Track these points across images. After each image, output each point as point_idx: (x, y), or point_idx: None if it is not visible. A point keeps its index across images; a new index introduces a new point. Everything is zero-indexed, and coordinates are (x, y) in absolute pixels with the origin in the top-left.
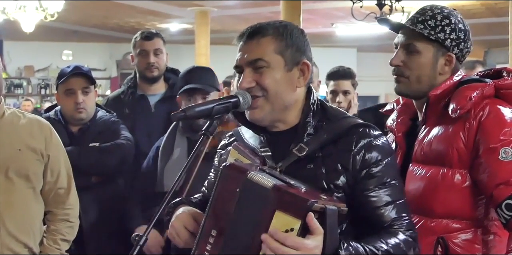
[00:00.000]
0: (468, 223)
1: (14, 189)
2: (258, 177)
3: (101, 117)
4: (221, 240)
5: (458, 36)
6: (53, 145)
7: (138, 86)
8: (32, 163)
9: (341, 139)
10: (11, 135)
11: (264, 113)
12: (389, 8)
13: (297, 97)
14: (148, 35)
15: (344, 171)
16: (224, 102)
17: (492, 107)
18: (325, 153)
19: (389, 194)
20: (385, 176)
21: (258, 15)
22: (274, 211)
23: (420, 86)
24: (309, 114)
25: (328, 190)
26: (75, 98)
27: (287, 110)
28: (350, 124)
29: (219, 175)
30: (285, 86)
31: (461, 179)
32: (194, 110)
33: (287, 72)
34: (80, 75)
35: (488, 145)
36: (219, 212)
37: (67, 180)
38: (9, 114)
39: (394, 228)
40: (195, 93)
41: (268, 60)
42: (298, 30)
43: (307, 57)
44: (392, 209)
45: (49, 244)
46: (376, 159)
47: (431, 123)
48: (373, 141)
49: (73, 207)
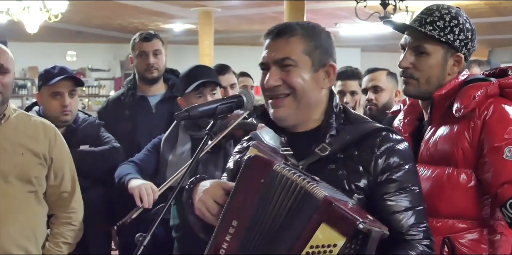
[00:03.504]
0: (474, 223)
1: (15, 193)
2: (290, 173)
3: (85, 120)
4: (242, 232)
5: (466, 36)
6: (58, 148)
7: (138, 88)
8: (34, 167)
9: (363, 142)
10: (14, 139)
11: (288, 112)
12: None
13: (321, 98)
14: (146, 36)
15: (365, 173)
16: (228, 102)
17: (496, 106)
18: (347, 155)
19: (409, 199)
20: (406, 182)
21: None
22: (320, 223)
23: (429, 88)
24: (332, 116)
25: (350, 191)
26: (62, 101)
27: (310, 110)
28: (373, 128)
29: (243, 166)
30: (310, 86)
31: (467, 179)
32: (197, 110)
33: (314, 73)
34: (69, 78)
35: (493, 144)
36: (242, 203)
37: (71, 184)
38: (14, 117)
39: (411, 235)
40: (205, 88)
41: (296, 59)
42: (325, 32)
43: (333, 59)
44: (410, 215)
45: (50, 246)
46: (398, 163)
47: (436, 124)
48: (395, 146)
49: (77, 210)
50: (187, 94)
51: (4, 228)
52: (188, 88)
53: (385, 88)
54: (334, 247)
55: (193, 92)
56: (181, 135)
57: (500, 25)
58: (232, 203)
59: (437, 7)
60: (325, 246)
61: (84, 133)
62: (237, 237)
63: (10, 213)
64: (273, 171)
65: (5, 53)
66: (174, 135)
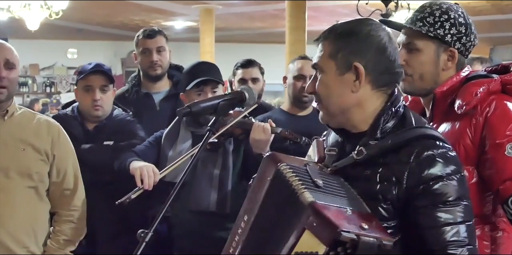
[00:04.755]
0: (476, 220)
1: (15, 188)
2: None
3: (117, 116)
4: (248, 228)
5: (458, 30)
6: (60, 145)
7: (142, 85)
8: (35, 162)
9: (403, 149)
10: (16, 135)
11: (326, 117)
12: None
13: (359, 100)
14: (150, 33)
15: (397, 183)
16: (230, 98)
17: (498, 102)
18: (386, 161)
19: (450, 214)
20: (447, 194)
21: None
22: (304, 229)
23: (423, 84)
24: (381, 119)
25: (376, 200)
26: (93, 95)
27: (347, 114)
28: (417, 134)
29: (262, 162)
30: (336, 92)
31: (468, 176)
32: (199, 106)
33: (339, 76)
34: (100, 73)
35: (495, 140)
36: (253, 198)
37: (74, 181)
38: (19, 114)
39: (448, 254)
40: (206, 86)
41: (321, 65)
42: (365, 30)
43: (365, 60)
44: (450, 231)
45: (51, 244)
46: (438, 174)
47: (438, 120)
48: (436, 155)
49: (79, 208)
50: (188, 91)
51: (3, 223)
52: (189, 85)
53: None
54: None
55: (194, 89)
56: (182, 131)
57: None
58: (248, 196)
59: (429, 4)
60: (307, 253)
61: (111, 129)
62: (245, 232)
63: (10, 207)
64: (277, 170)
65: (11, 49)
66: (175, 130)
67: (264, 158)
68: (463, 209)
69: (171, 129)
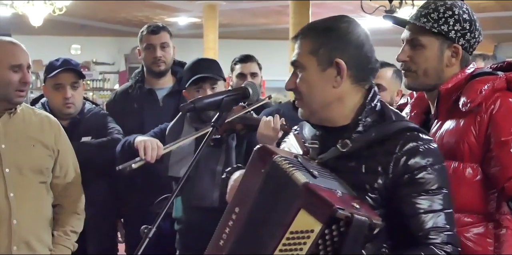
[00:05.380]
0: (480, 217)
1: (28, 184)
2: (285, 163)
3: (90, 110)
4: (242, 219)
5: (463, 26)
6: (62, 140)
7: (145, 81)
8: (45, 158)
9: (388, 141)
10: (24, 131)
11: (306, 114)
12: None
13: (339, 96)
14: (154, 29)
15: (383, 173)
16: (233, 94)
17: (503, 100)
18: (370, 153)
19: (431, 202)
20: (429, 183)
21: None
22: (300, 209)
23: (427, 80)
24: (362, 113)
25: (363, 190)
26: (64, 93)
27: (329, 109)
28: (400, 127)
29: (251, 156)
30: (318, 89)
31: (473, 173)
32: (203, 102)
33: (321, 72)
34: (70, 70)
35: (500, 138)
36: (244, 190)
37: (75, 174)
38: (21, 110)
39: (429, 238)
40: (204, 83)
41: (302, 61)
42: (344, 26)
43: (346, 56)
44: (431, 218)
45: (59, 235)
46: (421, 164)
47: (443, 118)
48: (420, 146)
49: (80, 200)
50: (188, 88)
51: (23, 219)
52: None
53: (387, 88)
54: (311, 233)
55: (193, 86)
56: (186, 127)
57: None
58: (238, 191)
59: (434, 0)
60: (303, 231)
61: (87, 124)
62: (237, 224)
63: (27, 203)
64: (273, 161)
65: (26, 53)
66: (179, 126)
67: (255, 150)
68: (443, 197)
69: (175, 124)
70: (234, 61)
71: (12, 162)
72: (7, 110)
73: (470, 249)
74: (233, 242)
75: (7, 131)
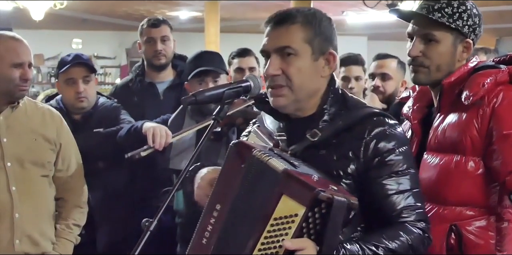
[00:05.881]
0: (482, 211)
1: (30, 177)
2: (265, 156)
3: (102, 104)
4: (224, 215)
5: (474, 21)
6: (64, 133)
7: (146, 74)
8: (47, 152)
9: (355, 127)
10: (26, 125)
11: (288, 102)
12: None
13: (320, 86)
14: (154, 22)
15: (354, 158)
16: (235, 87)
17: (506, 93)
18: (339, 141)
19: (401, 182)
20: (398, 165)
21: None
22: (281, 195)
23: (439, 75)
24: (327, 102)
25: (337, 176)
26: (76, 87)
27: (310, 98)
28: (366, 113)
29: (228, 152)
30: (309, 76)
31: (475, 166)
32: (204, 95)
33: (314, 62)
34: (81, 64)
35: (502, 131)
36: (224, 187)
37: (77, 168)
38: (23, 103)
39: (402, 217)
40: (207, 76)
41: (296, 48)
42: (326, 18)
43: (333, 47)
44: (403, 198)
45: (62, 228)
46: (389, 147)
47: (445, 111)
48: (387, 130)
49: (83, 193)
50: (191, 80)
51: (25, 212)
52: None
53: (393, 77)
54: (295, 217)
55: (195, 79)
56: (187, 120)
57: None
58: (216, 188)
59: None
60: (287, 216)
61: (99, 117)
62: (220, 220)
63: (29, 197)
64: (252, 156)
65: (28, 49)
66: (180, 119)
67: (232, 147)
68: (411, 177)
69: (176, 117)
70: (232, 55)
71: (13, 156)
72: (9, 104)
73: (472, 242)
74: (217, 238)
75: (9, 125)
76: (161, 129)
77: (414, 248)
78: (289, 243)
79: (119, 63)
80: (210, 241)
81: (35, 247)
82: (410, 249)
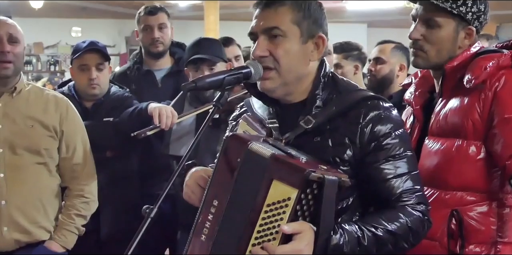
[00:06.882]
0: (483, 196)
1: (23, 164)
2: (258, 147)
3: (114, 93)
4: (222, 210)
5: (479, 9)
6: (69, 120)
7: (144, 62)
8: (44, 139)
9: (350, 112)
10: (24, 112)
11: (275, 85)
12: None
13: (310, 70)
14: (151, 10)
15: (351, 144)
16: (235, 73)
17: (508, 77)
18: (333, 126)
19: (399, 166)
20: (395, 148)
21: None
22: (272, 180)
23: (439, 60)
24: (319, 87)
25: (334, 163)
26: (89, 74)
27: (299, 83)
28: (359, 97)
29: (222, 146)
30: (297, 59)
31: (476, 151)
32: (204, 81)
33: (302, 45)
34: (95, 51)
35: (503, 115)
36: (221, 182)
37: (83, 156)
38: (27, 90)
39: (402, 201)
40: (202, 64)
41: (284, 29)
42: (316, 3)
43: (323, 31)
44: (401, 181)
45: (63, 218)
46: (385, 131)
47: (447, 96)
48: (382, 113)
49: (89, 183)
50: (188, 67)
51: (13, 199)
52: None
53: (386, 61)
54: (289, 201)
55: (191, 66)
56: (186, 106)
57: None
58: (213, 183)
59: None
60: (280, 201)
61: (110, 106)
62: (218, 216)
63: (19, 184)
64: (248, 150)
65: (14, 24)
66: (179, 105)
67: (227, 141)
68: (408, 160)
69: (176, 104)
70: None
71: (6, 142)
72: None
73: (473, 227)
74: (216, 234)
75: (6, 111)
76: (167, 109)
77: (413, 230)
78: (286, 228)
79: (118, 52)
80: (209, 237)
81: (26, 235)
82: (409, 231)
